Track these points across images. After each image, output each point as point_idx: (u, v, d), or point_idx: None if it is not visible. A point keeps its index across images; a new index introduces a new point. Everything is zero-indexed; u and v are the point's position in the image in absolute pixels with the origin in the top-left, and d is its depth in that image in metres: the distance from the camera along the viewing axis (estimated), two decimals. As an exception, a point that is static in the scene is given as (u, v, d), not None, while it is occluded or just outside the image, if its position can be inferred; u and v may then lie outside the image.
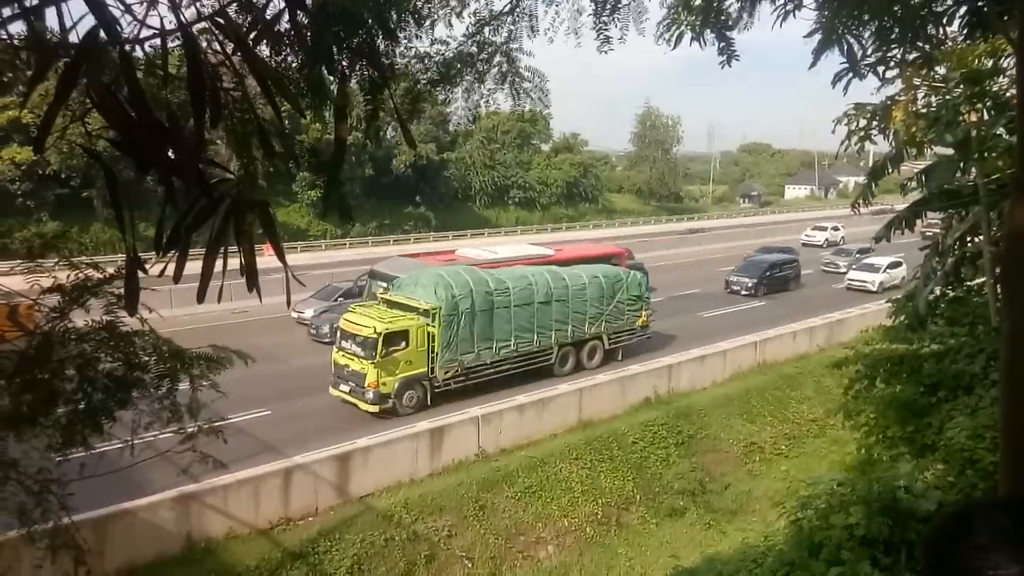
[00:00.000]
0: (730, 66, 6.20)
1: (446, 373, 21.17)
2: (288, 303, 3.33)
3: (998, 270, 8.93)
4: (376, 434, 18.63)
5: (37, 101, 2.36)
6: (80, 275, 5.11)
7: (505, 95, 5.94)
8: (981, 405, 8.84)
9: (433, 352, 20.90)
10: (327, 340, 25.68)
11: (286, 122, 3.51)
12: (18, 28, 2.34)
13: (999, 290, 9.12)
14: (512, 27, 5.64)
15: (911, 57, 6.23)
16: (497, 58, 5.73)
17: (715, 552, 16.10)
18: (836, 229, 63.53)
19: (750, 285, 39.58)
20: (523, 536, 17.32)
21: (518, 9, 5.58)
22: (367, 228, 61.13)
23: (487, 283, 22.32)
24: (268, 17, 2.60)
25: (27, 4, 2.19)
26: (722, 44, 6.00)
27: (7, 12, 2.19)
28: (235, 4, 2.67)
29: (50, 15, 2.15)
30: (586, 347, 25.26)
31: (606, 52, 5.73)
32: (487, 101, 5.97)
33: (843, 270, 45.20)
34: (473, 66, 5.66)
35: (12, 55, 2.94)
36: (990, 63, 8.67)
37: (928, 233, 11.78)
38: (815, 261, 48.47)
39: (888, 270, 41.95)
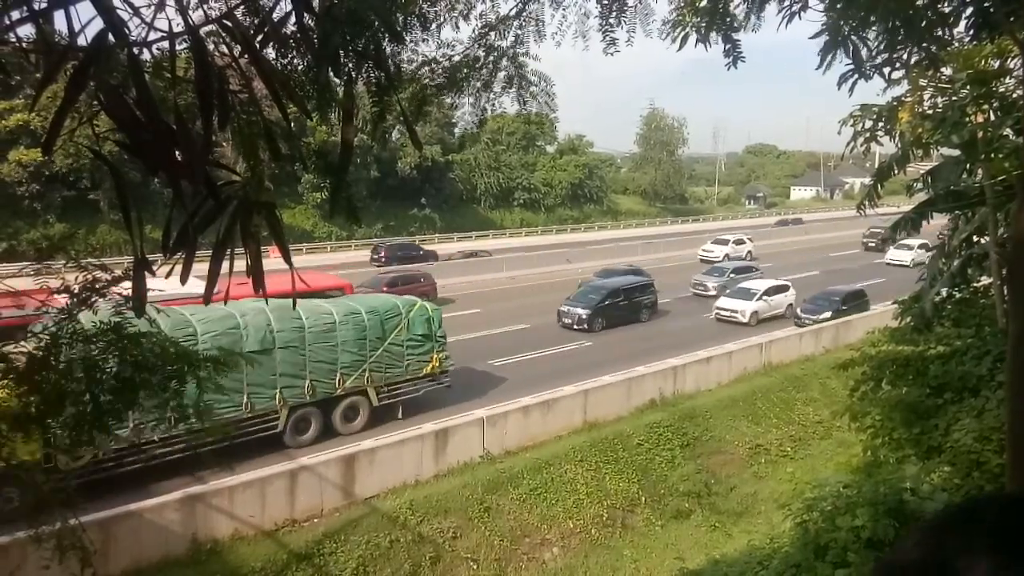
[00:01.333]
0: (736, 67, 6.20)
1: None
2: (294, 305, 3.35)
3: (1005, 271, 8.91)
4: (382, 435, 18.66)
5: (45, 103, 2.38)
6: (88, 276, 5.14)
7: (511, 99, 5.96)
8: (988, 407, 8.82)
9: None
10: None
11: (293, 125, 3.52)
12: (27, 31, 2.35)
13: (1006, 291, 9.10)
14: (519, 31, 5.66)
15: (917, 58, 6.21)
16: (503, 62, 5.74)
17: (721, 554, 16.06)
18: (740, 242, 54.84)
19: (583, 317, 31.34)
20: (528, 538, 17.30)
21: (524, 13, 5.59)
22: (372, 230, 61.27)
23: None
24: (275, 20, 2.61)
25: (36, 7, 2.20)
26: (728, 46, 5.99)
27: (16, 15, 2.21)
28: (242, 7, 2.69)
29: (59, 18, 2.17)
30: (340, 406, 19.81)
31: (612, 54, 5.73)
32: (493, 105, 5.98)
33: (712, 293, 37.97)
34: (479, 70, 5.67)
35: (21, 58, 2.96)
36: (997, 64, 8.64)
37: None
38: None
39: (768, 296, 34.55)
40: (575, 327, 31.20)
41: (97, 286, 5.06)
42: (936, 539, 0.98)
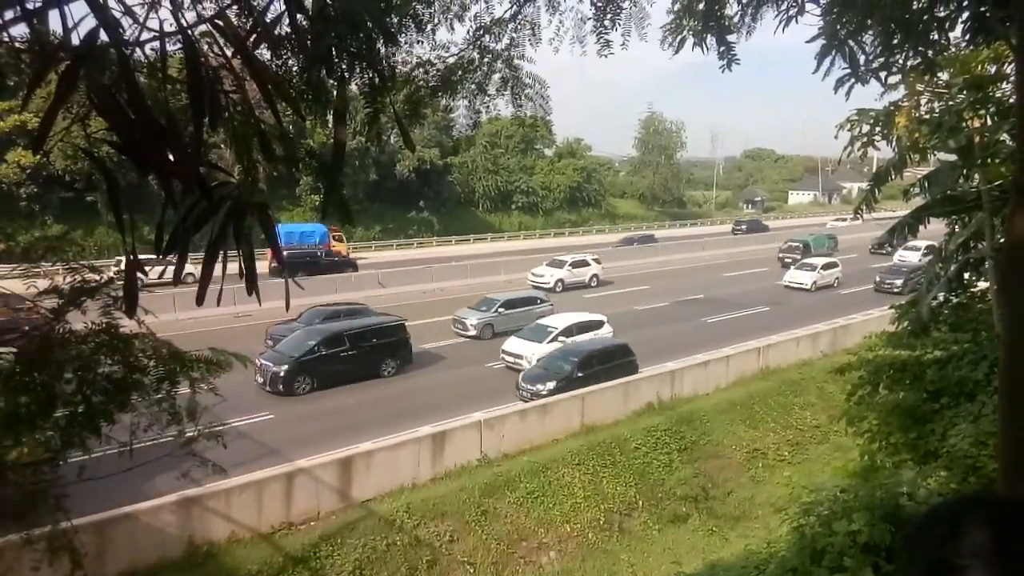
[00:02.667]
0: (730, 70, 6.20)
1: None
2: (287, 306, 3.34)
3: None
4: (379, 439, 18.63)
5: (41, 104, 2.37)
6: (78, 277, 5.12)
7: (506, 101, 5.96)
8: (984, 412, 8.82)
9: None
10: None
11: (290, 126, 3.52)
12: (21, 30, 2.35)
13: (1002, 296, 9.11)
14: (514, 34, 5.66)
15: (914, 63, 6.22)
16: (498, 64, 5.74)
17: (718, 558, 16.05)
18: (582, 264, 43.42)
19: (278, 376, 23.08)
20: (525, 542, 17.27)
21: (520, 16, 5.60)
22: (371, 232, 61.27)
23: None
24: (268, 20, 2.60)
25: (29, 6, 2.20)
26: (722, 48, 6.00)
27: (9, 15, 2.20)
28: (235, 7, 2.68)
29: (54, 17, 2.16)
30: None
31: (606, 56, 5.73)
32: (488, 107, 5.98)
33: (472, 333, 30.47)
34: (474, 72, 5.67)
35: (15, 57, 2.95)
36: (993, 69, 8.66)
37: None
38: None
39: (570, 337, 26.80)
40: (268, 389, 23.05)
41: (86, 287, 5.05)
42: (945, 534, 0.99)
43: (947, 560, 0.97)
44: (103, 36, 2.02)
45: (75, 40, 2.06)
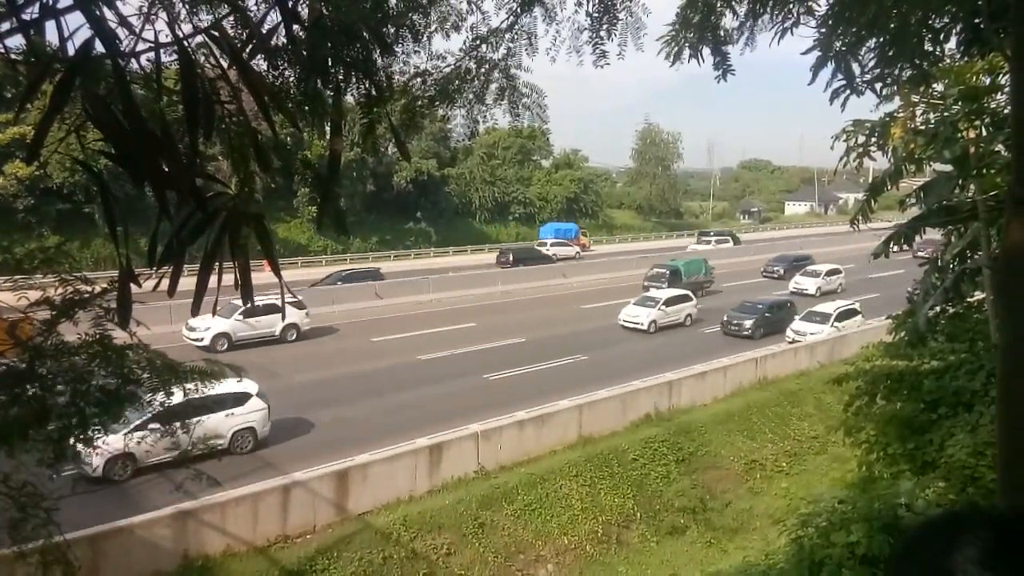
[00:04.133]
0: (725, 80, 6.23)
1: None
2: (283, 317, 3.33)
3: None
4: (375, 451, 18.55)
5: (39, 117, 2.36)
6: (71, 289, 5.09)
7: (503, 111, 5.97)
8: (982, 422, 8.81)
9: None
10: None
11: (286, 138, 3.52)
12: (17, 41, 2.34)
13: (999, 306, 9.12)
14: (511, 44, 5.68)
15: (909, 74, 6.25)
16: (495, 74, 5.75)
17: (716, 570, 15.98)
18: (263, 312, 27.40)
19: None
20: (522, 554, 17.18)
21: (517, 26, 5.62)
22: (368, 243, 61.25)
23: None
24: (264, 31, 2.60)
25: (25, 17, 2.19)
26: (717, 59, 6.02)
27: (5, 26, 2.20)
28: (231, 18, 2.68)
29: (51, 29, 2.15)
30: None
31: (602, 67, 5.76)
32: (485, 117, 5.99)
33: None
34: (471, 82, 5.69)
35: (11, 69, 2.94)
36: (988, 80, 8.70)
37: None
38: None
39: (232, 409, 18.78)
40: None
41: (79, 299, 5.02)
42: (940, 546, 0.98)
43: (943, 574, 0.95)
44: (99, 47, 2.02)
45: (70, 51, 2.06)
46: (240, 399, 18.86)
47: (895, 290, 31.31)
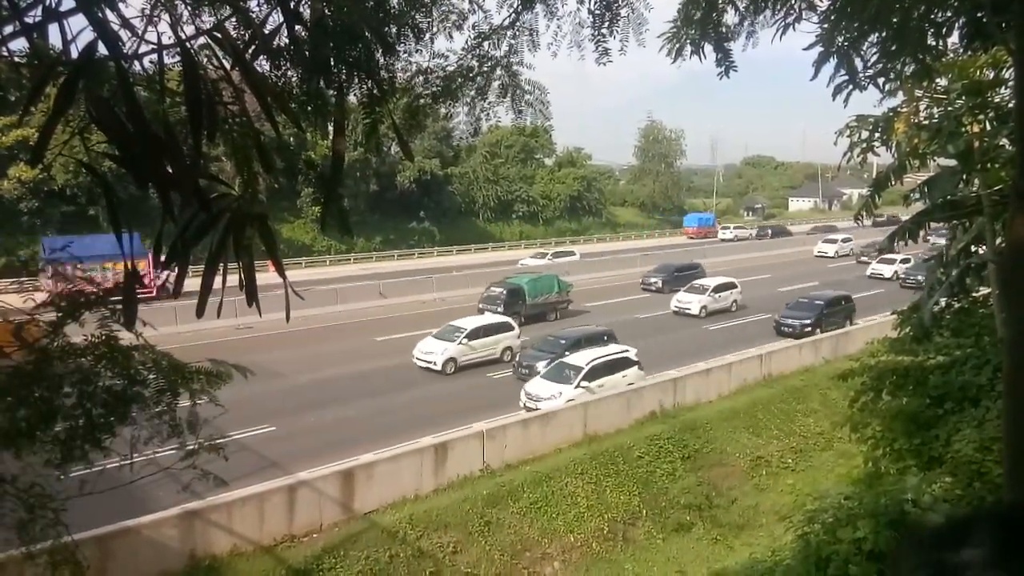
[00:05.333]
0: (728, 77, 6.22)
1: None
2: (287, 318, 3.33)
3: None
4: (381, 449, 18.59)
5: (42, 120, 2.38)
6: (76, 290, 5.11)
7: (506, 108, 5.97)
8: (988, 417, 8.79)
9: None
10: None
11: (289, 138, 3.53)
12: (20, 45, 2.35)
13: (1004, 301, 9.09)
14: (513, 41, 5.68)
15: (912, 69, 6.23)
16: (498, 72, 5.75)
17: (722, 567, 15.98)
18: None
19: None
20: (529, 552, 17.19)
21: (518, 23, 5.62)
22: (372, 243, 61.33)
23: None
24: (266, 32, 2.61)
25: (28, 21, 2.20)
26: (720, 55, 6.02)
27: (8, 29, 2.21)
28: (233, 19, 2.69)
29: (54, 32, 2.16)
30: None
31: (604, 64, 5.75)
32: (488, 115, 5.99)
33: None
34: (473, 80, 5.69)
35: (15, 72, 2.96)
36: (991, 74, 8.68)
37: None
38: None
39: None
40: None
41: (85, 300, 5.04)
42: (942, 552, 0.97)
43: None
44: (102, 49, 2.02)
45: (73, 54, 2.06)
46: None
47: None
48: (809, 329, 31.60)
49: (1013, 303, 3.93)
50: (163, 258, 2.36)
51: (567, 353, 25.11)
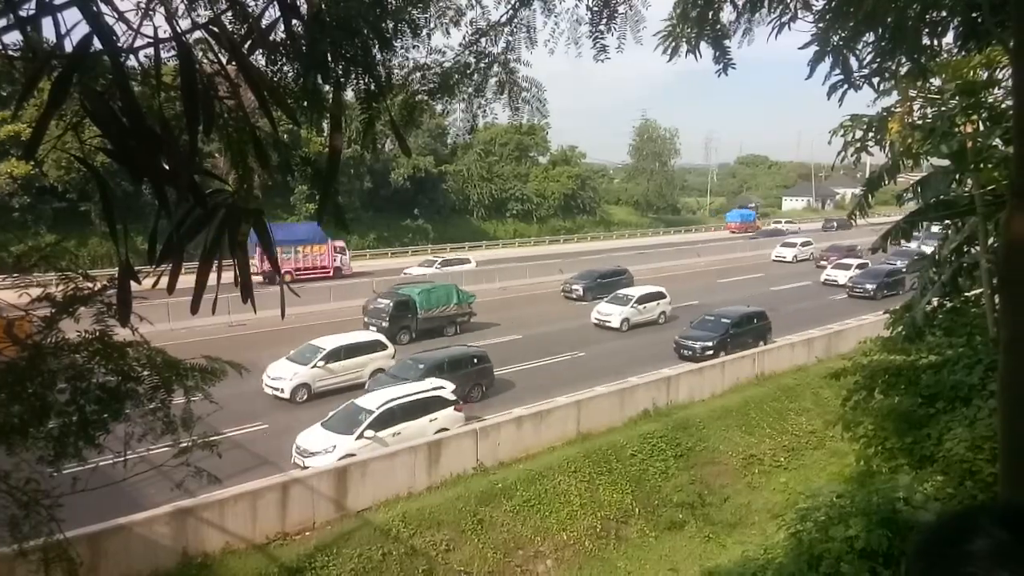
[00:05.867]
0: (726, 74, 6.22)
1: None
2: (283, 314, 3.32)
3: (995, 280, 8.95)
4: (374, 448, 18.55)
5: (35, 114, 2.35)
6: (72, 286, 5.08)
7: (503, 105, 5.96)
8: (979, 416, 8.83)
9: None
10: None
11: (285, 136, 3.51)
12: (14, 38, 2.33)
13: (996, 300, 9.13)
14: (510, 38, 5.67)
15: (907, 68, 6.25)
16: (495, 68, 5.74)
17: (715, 565, 16.01)
18: None
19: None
20: (521, 550, 17.20)
21: (516, 20, 5.61)
22: (365, 240, 61.18)
23: None
24: (263, 26, 2.59)
25: (22, 13, 2.18)
26: (718, 53, 6.02)
27: (1, 22, 2.19)
28: (230, 13, 2.67)
29: (47, 26, 2.14)
30: None
31: (602, 61, 5.75)
32: (484, 112, 5.98)
33: None
34: (470, 76, 5.68)
35: (8, 66, 2.93)
36: (985, 74, 8.71)
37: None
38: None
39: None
40: None
41: (80, 295, 5.01)
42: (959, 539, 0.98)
43: (963, 572, 0.95)
44: (97, 43, 2.01)
45: (68, 47, 2.05)
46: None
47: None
48: (710, 352, 27.60)
49: (1010, 302, 3.94)
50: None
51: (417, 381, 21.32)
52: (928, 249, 39.86)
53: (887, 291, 40.55)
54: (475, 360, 24.25)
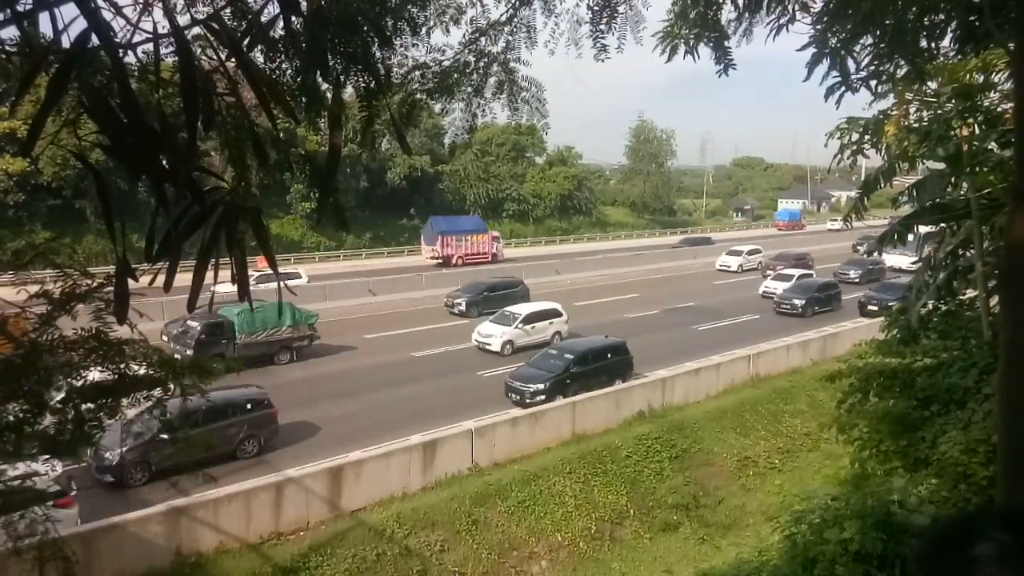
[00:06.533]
0: (727, 75, 6.23)
1: None
2: (280, 312, 3.31)
3: (990, 283, 8.97)
4: (370, 447, 18.53)
5: (31, 110, 2.34)
6: (69, 283, 5.06)
7: (502, 105, 5.95)
8: (974, 419, 8.84)
9: None
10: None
11: (282, 132, 3.49)
12: (11, 33, 2.32)
13: (992, 303, 9.16)
14: (510, 37, 5.66)
15: (903, 72, 6.26)
16: (494, 68, 5.74)
17: (709, 567, 16.01)
18: None
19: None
20: (516, 551, 17.18)
21: (516, 19, 5.60)
22: (361, 240, 61.14)
23: None
24: (263, 22, 2.58)
25: (20, 8, 2.17)
26: (718, 53, 6.03)
27: (-1, 17, 2.17)
28: (229, 9, 2.66)
29: (44, 21, 2.13)
30: None
31: (602, 60, 5.75)
32: (484, 111, 5.97)
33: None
34: (470, 75, 5.67)
35: (5, 61, 2.91)
36: (981, 78, 8.74)
37: None
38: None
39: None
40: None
41: (77, 292, 4.98)
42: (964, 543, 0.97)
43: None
44: (95, 39, 1.99)
45: (66, 43, 2.03)
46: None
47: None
48: (542, 398, 22.43)
49: (1010, 303, 3.95)
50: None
51: None
52: (896, 260, 39.49)
53: (818, 307, 37.21)
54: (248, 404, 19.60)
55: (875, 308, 33.35)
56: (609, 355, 25.25)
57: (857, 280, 45.05)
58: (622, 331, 28.99)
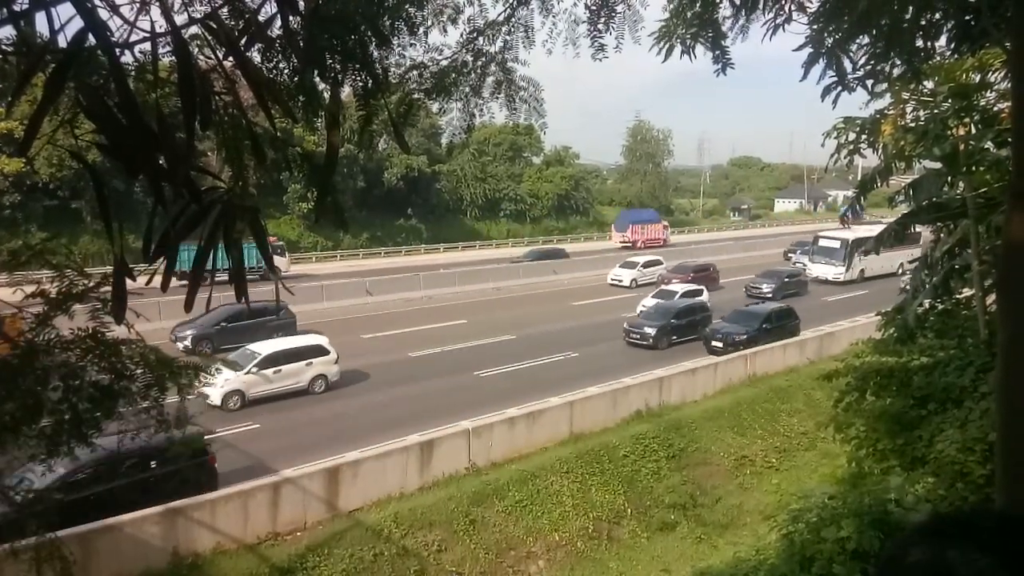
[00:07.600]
0: (725, 74, 6.24)
1: None
2: (277, 313, 3.31)
3: (987, 282, 8.99)
4: (367, 447, 18.52)
5: (27, 111, 2.34)
6: (66, 282, 5.04)
7: (500, 105, 5.95)
8: (971, 418, 8.86)
9: None
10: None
11: (279, 131, 3.49)
12: (7, 32, 2.31)
13: (988, 302, 9.18)
14: (507, 37, 5.67)
15: (900, 71, 6.28)
16: (492, 67, 5.74)
17: (706, 566, 16.04)
18: None
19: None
20: (514, 551, 17.19)
21: (513, 19, 5.61)
22: (358, 240, 61.11)
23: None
24: (260, 21, 2.58)
25: (16, 8, 2.16)
26: (716, 52, 6.03)
27: (-4, 17, 2.16)
28: (227, 8, 2.66)
29: (41, 21, 2.12)
30: None
31: (600, 60, 5.75)
32: (481, 111, 5.97)
33: None
34: (467, 75, 5.67)
35: (1, 61, 2.91)
36: (978, 78, 8.76)
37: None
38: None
39: None
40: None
41: (74, 292, 4.97)
42: (937, 547, 0.96)
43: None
44: (92, 38, 1.99)
45: (63, 42, 2.02)
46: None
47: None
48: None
49: (1008, 303, 3.95)
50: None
51: None
52: (822, 270, 38.87)
53: (676, 337, 30.26)
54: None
55: (719, 345, 28.69)
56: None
57: (770, 295, 39.22)
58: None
